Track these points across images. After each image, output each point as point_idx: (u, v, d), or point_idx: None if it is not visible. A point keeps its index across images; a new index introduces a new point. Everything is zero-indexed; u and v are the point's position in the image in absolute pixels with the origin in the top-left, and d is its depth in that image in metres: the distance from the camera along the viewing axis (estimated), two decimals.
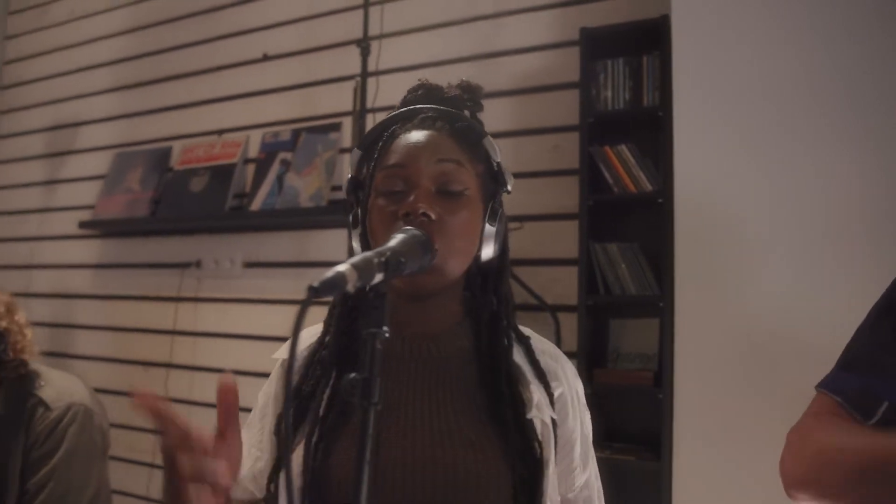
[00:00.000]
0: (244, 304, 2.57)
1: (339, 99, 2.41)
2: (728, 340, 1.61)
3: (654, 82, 1.82)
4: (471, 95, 0.96)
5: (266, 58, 2.63)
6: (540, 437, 0.83)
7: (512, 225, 1.99)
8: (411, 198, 0.82)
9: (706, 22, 1.69)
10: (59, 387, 1.65)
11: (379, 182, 0.86)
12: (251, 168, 2.61)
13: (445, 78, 2.25)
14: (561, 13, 2.10)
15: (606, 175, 1.85)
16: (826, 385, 0.91)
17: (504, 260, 0.93)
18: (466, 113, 0.95)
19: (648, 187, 1.80)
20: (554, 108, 2.07)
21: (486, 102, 2.22)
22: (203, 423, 0.81)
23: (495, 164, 0.91)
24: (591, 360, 1.87)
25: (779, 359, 1.55)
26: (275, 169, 2.54)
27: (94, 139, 3.08)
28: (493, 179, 0.91)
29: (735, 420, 1.58)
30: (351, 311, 0.91)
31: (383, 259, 0.68)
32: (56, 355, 3.03)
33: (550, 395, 0.87)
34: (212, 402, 0.62)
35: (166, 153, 2.83)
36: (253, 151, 2.63)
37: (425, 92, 0.95)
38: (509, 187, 0.92)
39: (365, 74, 2.18)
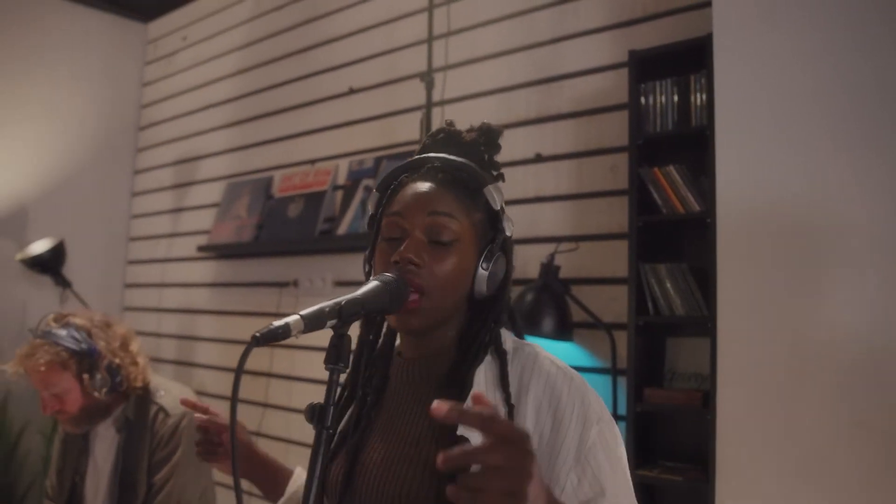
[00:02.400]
0: None
1: (415, 127, 2.56)
2: (774, 363, 1.58)
3: (702, 102, 1.82)
4: (488, 138, 1.05)
5: (352, 91, 2.84)
6: None
7: (568, 245, 2.06)
8: (403, 246, 0.94)
9: (748, 38, 1.67)
10: (175, 395, 1.91)
11: (383, 227, 0.99)
12: (340, 194, 2.82)
13: (508, 104, 2.36)
14: (612, 35, 2.13)
15: (655, 196, 1.86)
16: None
17: (502, 291, 1.01)
18: (486, 156, 1.05)
19: (696, 208, 1.80)
20: (609, 130, 2.10)
21: (548, 126, 2.31)
22: (301, 429, 0.95)
23: (495, 211, 1.00)
24: (643, 379, 1.88)
25: (826, 385, 1.51)
26: (359, 195, 2.74)
27: (211, 171, 3.45)
28: (492, 225, 1.00)
29: (781, 445, 1.55)
30: (373, 342, 1.05)
31: (338, 307, 0.80)
32: (182, 364, 3.41)
33: (511, 406, 0.91)
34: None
35: (268, 182, 3.12)
36: (341, 179, 2.85)
37: (445, 136, 1.06)
38: (508, 232, 1.01)
39: (429, 105, 2.31)
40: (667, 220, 1.86)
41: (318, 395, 0.79)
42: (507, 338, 1.00)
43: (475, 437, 0.88)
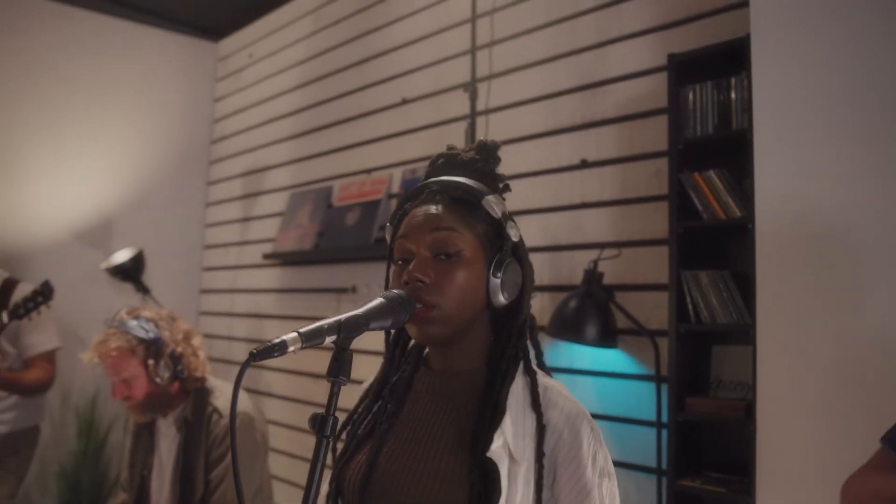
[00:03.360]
0: None
1: (461, 137, 2.60)
2: (815, 373, 1.53)
3: (743, 104, 1.77)
4: (485, 154, 1.09)
5: (404, 101, 2.91)
6: (501, 476, 0.91)
7: (610, 252, 2.06)
8: (410, 266, 1.00)
9: (786, 38, 1.62)
10: (228, 397, 2.05)
11: (395, 252, 1.05)
12: (394, 203, 2.90)
13: (553, 111, 2.37)
14: (652, 39, 2.10)
15: (696, 201, 1.83)
16: (889, 441, 0.98)
17: (522, 299, 1.05)
18: (487, 170, 1.09)
19: (737, 213, 1.75)
20: (652, 134, 2.07)
21: (592, 132, 2.31)
22: None
23: (497, 220, 1.04)
24: (686, 387, 1.85)
25: (869, 395, 1.45)
26: None
27: (276, 181, 3.60)
28: (498, 234, 1.04)
29: (822, 459, 1.50)
30: (398, 354, 1.11)
31: (337, 324, 0.86)
32: (252, 366, 3.56)
33: (542, 427, 0.96)
34: None
35: (328, 192, 3.24)
36: (395, 187, 2.92)
37: (444, 160, 1.11)
38: (515, 238, 1.04)
39: (474, 115, 2.34)
40: (707, 226, 1.82)
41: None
42: (540, 372, 1.04)
43: (503, 463, 0.92)
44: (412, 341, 1.11)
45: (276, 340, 0.81)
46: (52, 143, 3.56)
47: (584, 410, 1.00)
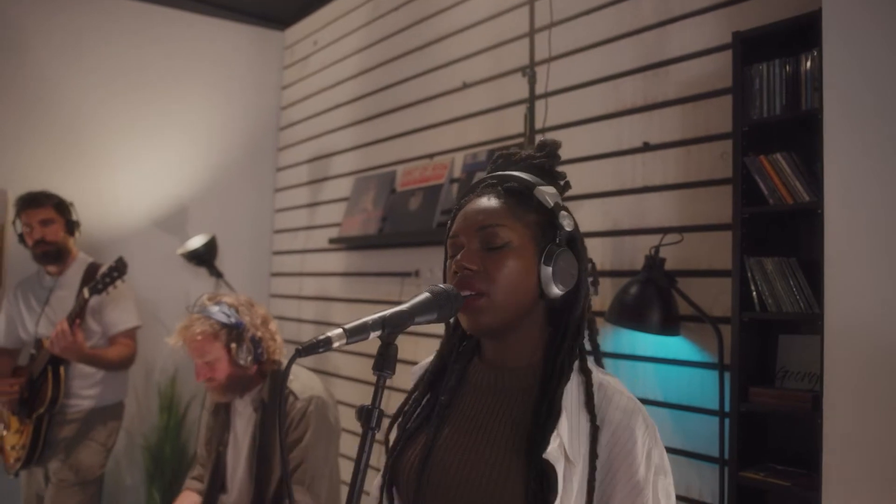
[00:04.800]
0: None
1: (521, 121, 2.58)
2: (887, 364, 1.46)
3: (814, 83, 1.69)
4: (545, 151, 1.11)
5: (465, 86, 2.91)
6: (558, 476, 0.92)
7: (673, 237, 2.02)
8: (459, 256, 1.02)
9: (860, 12, 1.53)
10: (303, 381, 2.14)
11: (448, 247, 1.08)
12: (455, 187, 2.91)
13: (614, 93, 2.33)
14: (717, 16, 2.02)
15: (762, 186, 1.76)
16: None
17: (578, 293, 1.05)
18: (545, 167, 1.10)
19: (806, 198, 1.68)
20: (717, 115, 2.00)
21: (655, 113, 2.27)
22: None
23: (550, 210, 1.05)
24: (751, 377, 1.80)
25: None
26: None
27: (342, 167, 3.67)
28: (550, 224, 1.04)
29: (894, 453, 1.43)
30: (453, 344, 1.14)
31: (381, 319, 0.88)
32: None
33: (596, 428, 0.96)
34: None
35: (392, 177, 3.28)
36: (457, 172, 2.93)
37: (503, 159, 1.14)
38: (568, 227, 1.05)
39: (533, 98, 2.32)
40: (774, 211, 1.75)
41: None
42: (594, 367, 1.04)
43: (559, 464, 0.93)
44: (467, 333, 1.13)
45: (322, 337, 0.84)
46: (129, 135, 3.73)
47: (640, 406, 1.00)
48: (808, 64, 1.71)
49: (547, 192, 1.04)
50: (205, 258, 3.49)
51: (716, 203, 1.99)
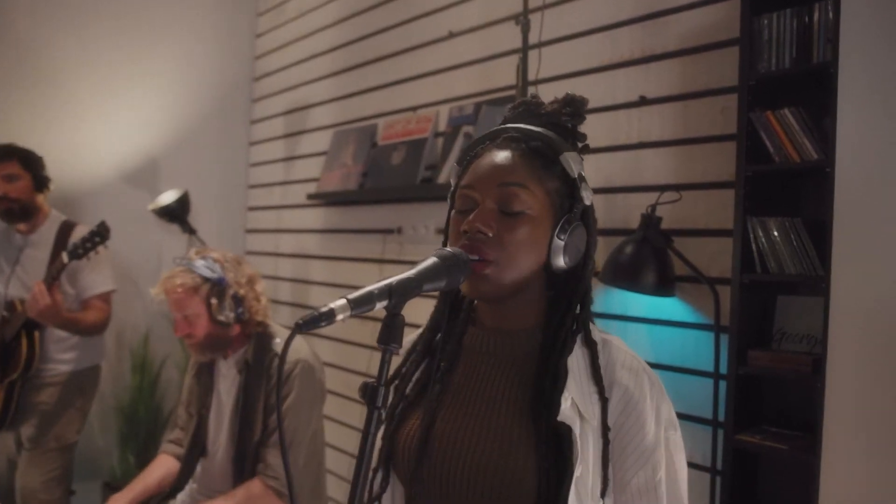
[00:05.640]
0: None
1: (513, 72, 2.47)
2: (892, 329, 1.43)
3: (827, 34, 1.61)
4: (572, 108, 1.02)
5: (451, 35, 2.78)
6: (576, 438, 0.88)
7: (670, 196, 1.96)
8: (472, 216, 0.94)
9: None
10: (291, 344, 2.05)
11: (457, 198, 1.00)
12: (440, 141, 2.81)
13: (611, 44, 2.23)
14: None
15: (767, 143, 1.70)
16: None
17: (584, 268, 0.99)
18: (569, 125, 1.02)
19: (814, 156, 1.62)
20: (720, 68, 1.92)
21: (653, 66, 2.17)
22: None
23: (572, 179, 0.97)
24: (750, 340, 1.77)
25: None
26: (459, 142, 2.71)
27: (320, 120, 3.53)
28: (570, 194, 0.97)
29: (894, 418, 1.41)
30: (451, 308, 1.06)
31: (388, 288, 0.80)
32: (297, 306, 3.60)
33: (605, 400, 0.92)
34: None
35: (373, 130, 3.16)
36: (442, 125, 2.82)
37: (525, 109, 1.05)
38: (587, 201, 0.99)
39: (526, 48, 2.21)
40: (780, 169, 1.69)
41: None
42: (594, 329, 0.99)
43: (576, 424, 0.89)
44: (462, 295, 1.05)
45: (324, 309, 0.76)
46: (98, 85, 3.55)
47: (644, 364, 0.97)
48: (821, 14, 1.63)
49: (573, 160, 0.97)
50: (177, 214, 3.35)
51: (715, 160, 1.93)
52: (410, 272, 0.85)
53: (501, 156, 0.96)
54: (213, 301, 1.97)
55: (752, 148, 1.72)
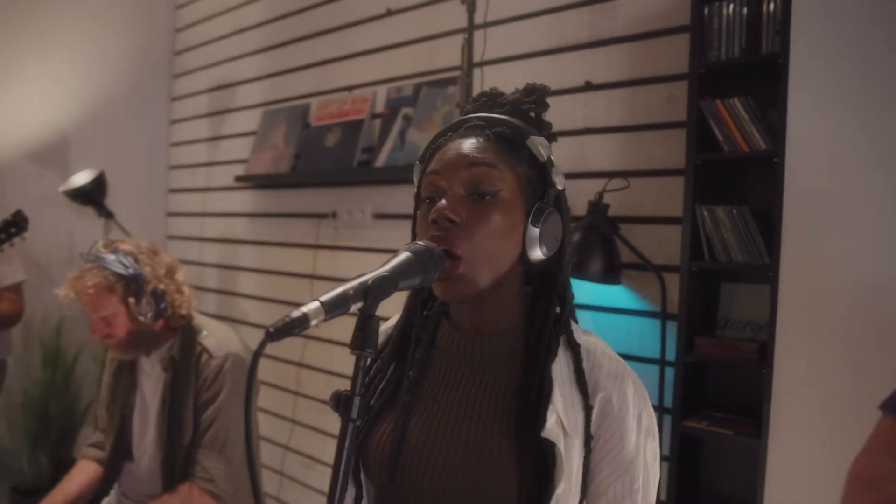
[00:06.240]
0: (375, 253, 2.73)
1: (456, 53, 2.40)
2: (839, 313, 1.46)
3: (776, 25, 1.62)
4: (534, 96, 0.97)
5: (389, 13, 2.68)
6: (561, 454, 0.83)
7: (617, 183, 1.94)
8: (440, 203, 0.87)
9: None
10: (219, 337, 1.93)
11: (423, 187, 0.93)
12: (378, 123, 2.71)
13: (558, 27, 2.18)
14: None
15: (716, 132, 1.70)
16: (893, 411, 0.86)
17: (560, 260, 0.94)
18: (532, 115, 0.97)
19: (762, 145, 1.64)
20: (668, 56, 1.92)
21: (600, 51, 2.13)
22: (341, 360, 0.85)
23: (542, 164, 0.92)
24: (695, 327, 1.79)
25: (892, 336, 1.39)
26: (398, 124, 2.62)
27: (247, 98, 3.36)
28: (540, 180, 0.92)
29: (841, 403, 1.45)
30: (417, 306, 0.99)
31: (364, 288, 0.72)
32: (224, 293, 3.44)
33: (589, 408, 0.88)
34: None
35: (305, 110, 3.02)
36: (380, 107, 2.72)
37: (487, 99, 0.99)
38: (559, 186, 0.93)
39: (471, 28, 2.15)
40: (729, 158, 1.70)
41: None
42: (576, 329, 0.94)
43: (560, 440, 0.84)
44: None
45: (296, 314, 0.68)
46: (2, 56, 3.24)
47: (628, 369, 0.93)
48: (770, 5, 1.64)
49: (540, 144, 0.91)
50: (92, 196, 3.12)
51: (662, 148, 1.93)
52: (384, 269, 0.78)
53: (467, 142, 0.91)
54: (131, 300, 1.81)
55: (702, 136, 1.72)
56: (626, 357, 1.96)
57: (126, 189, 3.43)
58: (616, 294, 2.02)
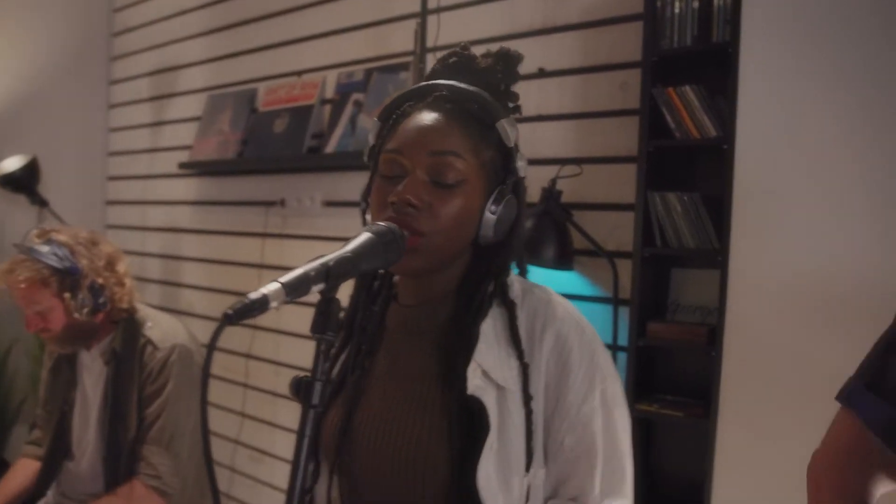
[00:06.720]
0: (325, 242, 2.68)
1: (409, 38, 2.37)
2: (785, 297, 1.50)
3: (726, 15, 1.65)
4: (506, 66, 0.94)
5: None
6: (488, 409, 0.82)
7: (570, 169, 1.94)
8: (402, 186, 0.85)
9: None
10: (164, 328, 1.85)
11: (381, 163, 0.90)
12: (328, 109, 2.66)
13: (510, 13, 2.17)
14: None
15: (668, 119, 1.72)
16: (854, 405, 0.86)
17: (511, 239, 0.93)
18: (502, 85, 0.94)
19: (713, 133, 1.66)
20: (621, 43, 1.93)
21: (554, 38, 2.13)
22: (289, 350, 0.81)
23: (507, 149, 0.91)
24: (647, 313, 1.81)
25: (840, 318, 1.43)
26: (348, 110, 2.57)
27: (192, 82, 3.24)
28: (503, 164, 0.90)
29: (787, 381, 1.49)
30: (369, 290, 0.98)
31: (325, 269, 0.70)
32: (168, 284, 3.33)
33: (525, 365, 0.86)
34: (299, 331, 0.70)
35: (252, 95, 2.94)
36: (329, 92, 2.67)
37: (457, 61, 0.95)
38: (522, 172, 0.92)
39: (425, 13, 2.12)
40: (680, 145, 1.73)
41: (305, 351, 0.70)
42: (515, 281, 0.93)
43: (489, 399, 0.83)
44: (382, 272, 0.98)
45: (255, 296, 0.65)
46: None
47: (574, 312, 0.91)
48: None
49: (509, 127, 0.90)
50: (24, 183, 2.97)
51: (615, 135, 1.95)
52: (346, 250, 0.75)
53: (434, 119, 0.88)
54: (67, 295, 1.71)
55: (654, 123, 1.74)
56: None
57: (61, 176, 3.28)
58: (569, 280, 2.03)
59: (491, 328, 0.87)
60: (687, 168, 1.81)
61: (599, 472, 0.86)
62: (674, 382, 1.85)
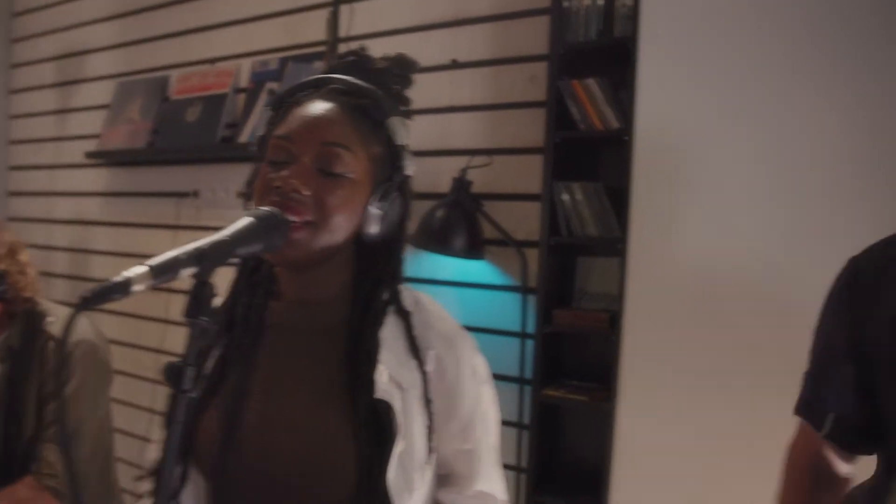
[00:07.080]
0: None
1: (324, 26, 2.34)
2: (682, 285, 1.57)
3: (628, 11, 1.70)
4: (401, 69, 0.95)
5: None
6: (397, 412, 0.84)
7: (480, 160, 1.97)
8: (287, 171, 0.83)
9: None
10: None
11: (269, 148, 0.87)
12: (242, 98, 2.60)
13: (425, 5, 2.17)
14: None
15: (573, 111, 1.77)
16: (808, 411, 1.03)
17: (398, 235, 0.93)
18: (396, 88, 0.95)
19: (615, 124, 1.72)
20: (531, 37, 1.97)
21: (465, 30, 2.14)
22: None
23: (396, 147, 0.90)
24: (554, 300, 1.85)
25: (732, 307, 1.51)
26: (262, 99, 2.53)
27: (99, 68, 3.12)
28: (391, 162, 0.90)
29: (683, 366, 1.56)
30: (249, 279, 0.94)
31: (198, 253, 0.68)
32: (76, 278, 3.19)
33: (424, 372, 0.88)
34: None
35: (164, 82, 2.85)
36: (244, 81, 2.62)
37: (355, 61, 0.95)
38: (408, 171, 0.92)
39: (337, 2, 2.11)
40: (584, 136, 1.77)
41: None
42: (405, 293, 0.93)
43: (396, 398, 0.84)
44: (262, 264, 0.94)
45: (118, 279, 0.62)
46: None
47: (455, 325, 0.95)
48: None
49: (399, 125, 0.90)
50: None
51: (524, 126, 1.98)
52: (223, 233, 0.74)
53: (326, 109, 0.87)
54: None
55: (561, 115, 1.78)
56: (489, 331, 2.03)
57: None
58: (479, 270, 2.05)
59: (389, 335, 0.88)
60: (591, 159, 1.86)
61: (480, 466, 0.95)
62: (580, 368, 1.91)
